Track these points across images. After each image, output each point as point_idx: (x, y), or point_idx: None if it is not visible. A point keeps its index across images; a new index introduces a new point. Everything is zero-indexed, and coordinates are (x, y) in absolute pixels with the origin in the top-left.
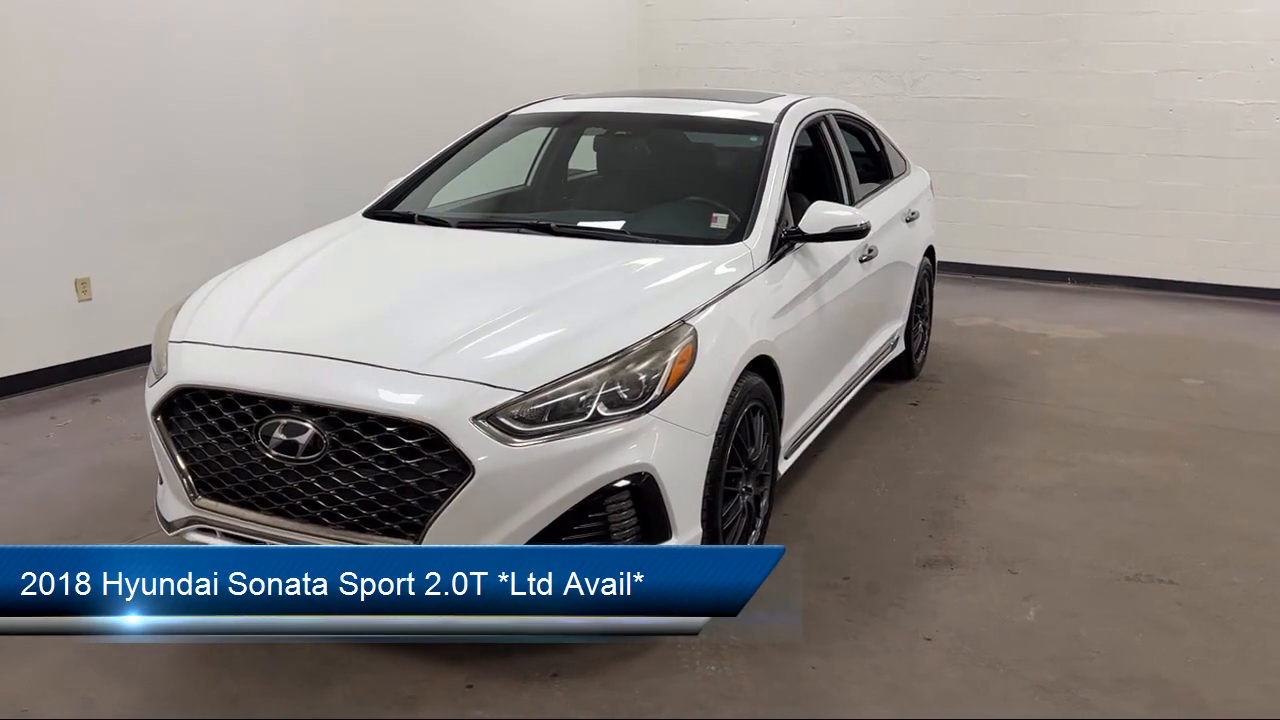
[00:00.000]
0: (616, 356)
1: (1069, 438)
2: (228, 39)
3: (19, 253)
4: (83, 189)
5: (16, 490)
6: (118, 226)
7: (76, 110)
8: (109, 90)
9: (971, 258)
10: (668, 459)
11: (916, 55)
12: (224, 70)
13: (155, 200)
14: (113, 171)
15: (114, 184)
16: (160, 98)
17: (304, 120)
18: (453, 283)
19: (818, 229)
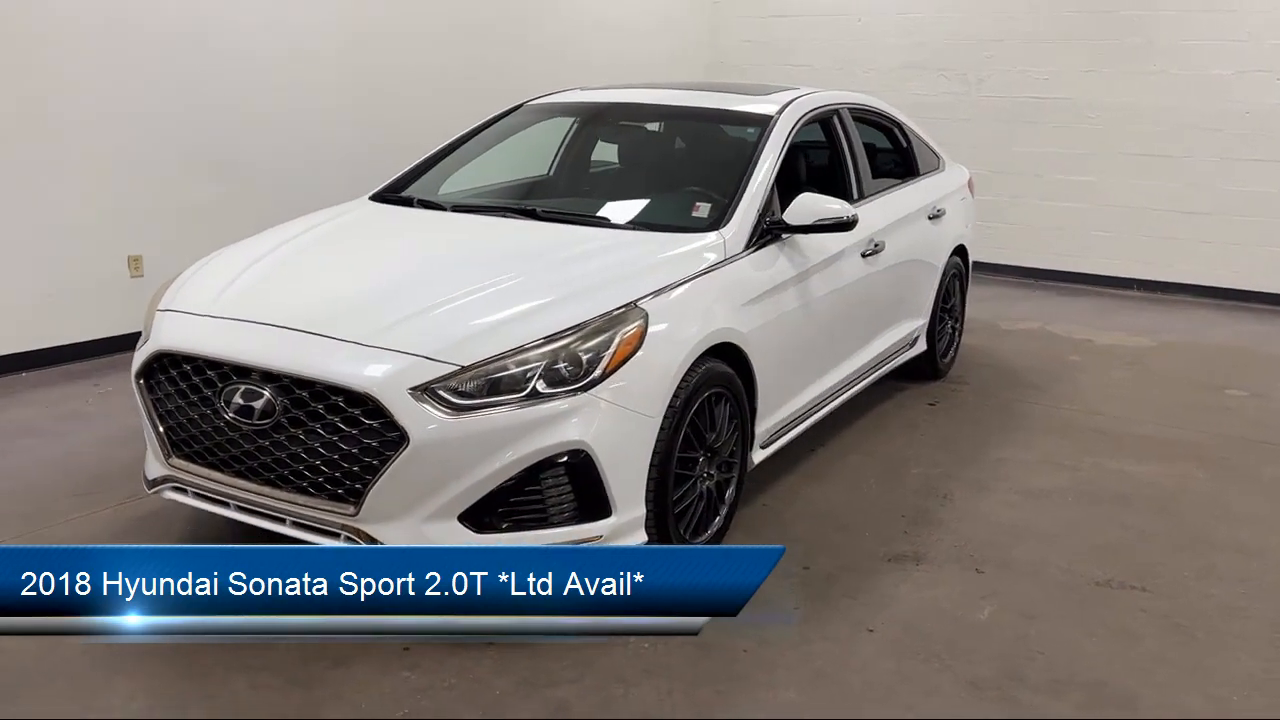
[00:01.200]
0: (561, 335)
1: (1084, 443)
2: (277, 34)
3: (78, 229)
4: (138, 173)
5: (39, 451)
6: (169, 209)
7: (134, 99)
8: (164, 81)
9: (1033, 261)
10: (606, 438)
11: (981, 53)
12: (273, 63)
13: (205, 185)
14: (166, 157)
15: (168, 169)
16: (212, 88)
17: (354, 116)
18: (424, 262)
19: (801, 220)
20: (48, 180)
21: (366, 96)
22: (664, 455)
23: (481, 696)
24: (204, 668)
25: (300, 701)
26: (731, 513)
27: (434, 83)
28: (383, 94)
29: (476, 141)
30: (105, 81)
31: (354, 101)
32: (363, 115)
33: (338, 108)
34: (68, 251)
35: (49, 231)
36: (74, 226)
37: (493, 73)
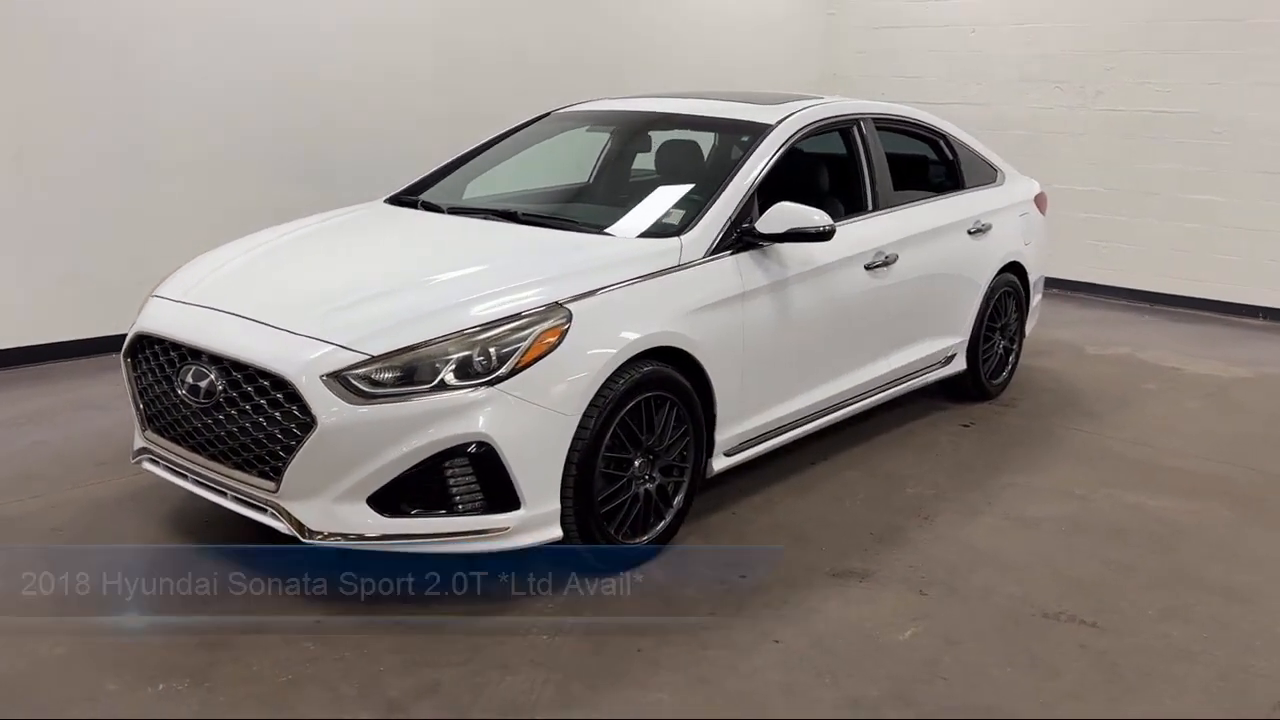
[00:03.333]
0: (475, 330)
1: (1110, 473)
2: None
3: (176, 223)
4: (222, 173)
5: (89, 424)
6: (265, 209)
7: (222, 102)
8: (253, 85)
9: (1148, 284)
10: (513, 432)
11: (1100, 65)
12: (368, 85)
13: (288, 186)
14: (250, 156)
15: (264, 173)
16: (300, 89)
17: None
18: (385, 258)
19: (773, 228)
20: (151, 178)
21: (460, 111)
22: (586, 454)
23: (364, 670)
24: (126, 622)
25: (202, 660)
26: (680, 517)
27: (533, 98)
28: (477, 112)
29: (499, 149)
30: (197, 90)
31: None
32: (457, 132)
33: (429, 121)
34: (164, 243)
35: (146, 224)
36: (172, 220)
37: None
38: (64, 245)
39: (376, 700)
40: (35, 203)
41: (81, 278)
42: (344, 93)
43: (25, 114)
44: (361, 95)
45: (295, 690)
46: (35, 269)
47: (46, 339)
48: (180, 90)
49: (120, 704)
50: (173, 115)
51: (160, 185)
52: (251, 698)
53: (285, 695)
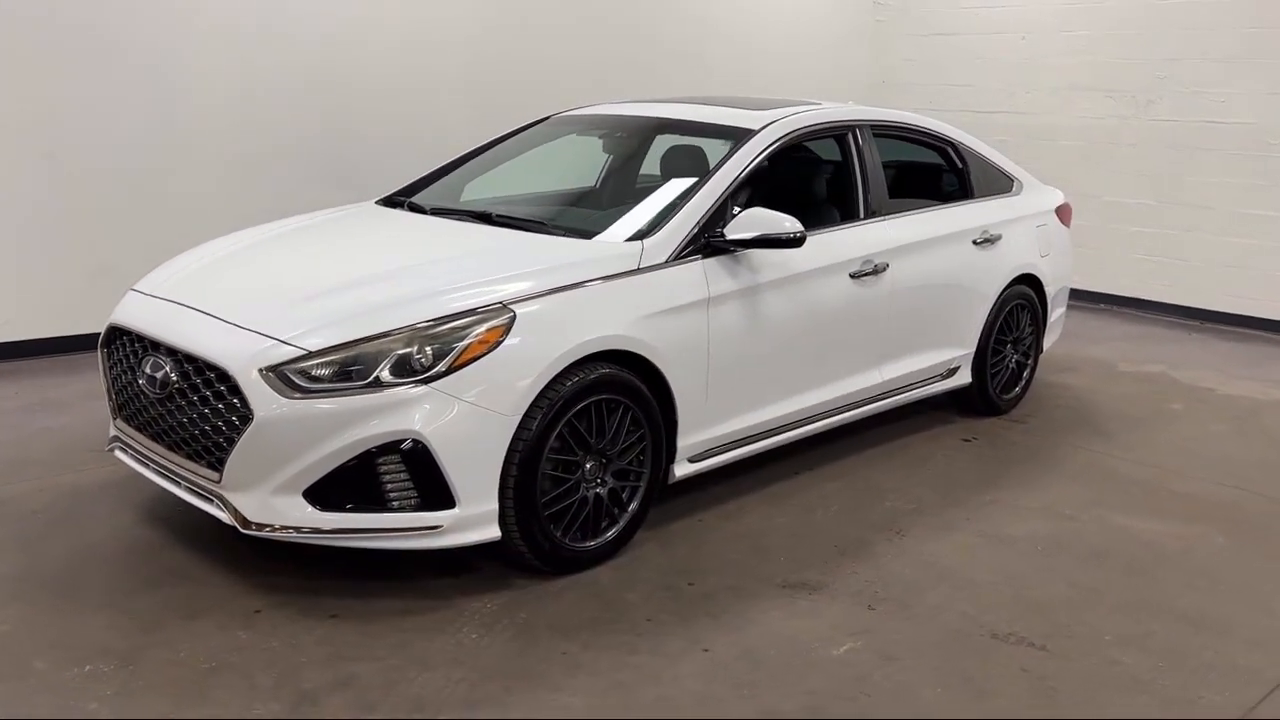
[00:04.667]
0: (414, 328)
1: (1106, 494)
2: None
3: (194, 219)
4: (252, 173)
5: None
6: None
7: (252, 103)
8: (283, 88)
9: (1201, 302)
10: (448, 430)
11: (1153, 73)
12: (394, 70)
13: (316, 186)
14: (279, 156)
15: (280, 169)
16: (330, 91)
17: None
18: (351, 257)
19: (741, 234)
20: (182, 176)
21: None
22: (528, 455)
23: (287, 661)
24: (75, 604)
25: (135, 643)
26: (635, 522)
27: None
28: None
29: (497, 151)
30: (239, 94)
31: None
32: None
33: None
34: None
35: (176, 220)
36: (202, 217)
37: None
38: (95, 240)
39: (289, 692)
40: (67, 199)
41: (112, 272)
42: (374, 96)
43: (57, 113)
44: (391, 98)
45: (214, 677)
46: (67, 263)
47: (77, 330)
48: (212, 91)
49: (44, 682)
50: (205, 116)
51: (190, 183)
52: (169, 683)
53: (202, 682)
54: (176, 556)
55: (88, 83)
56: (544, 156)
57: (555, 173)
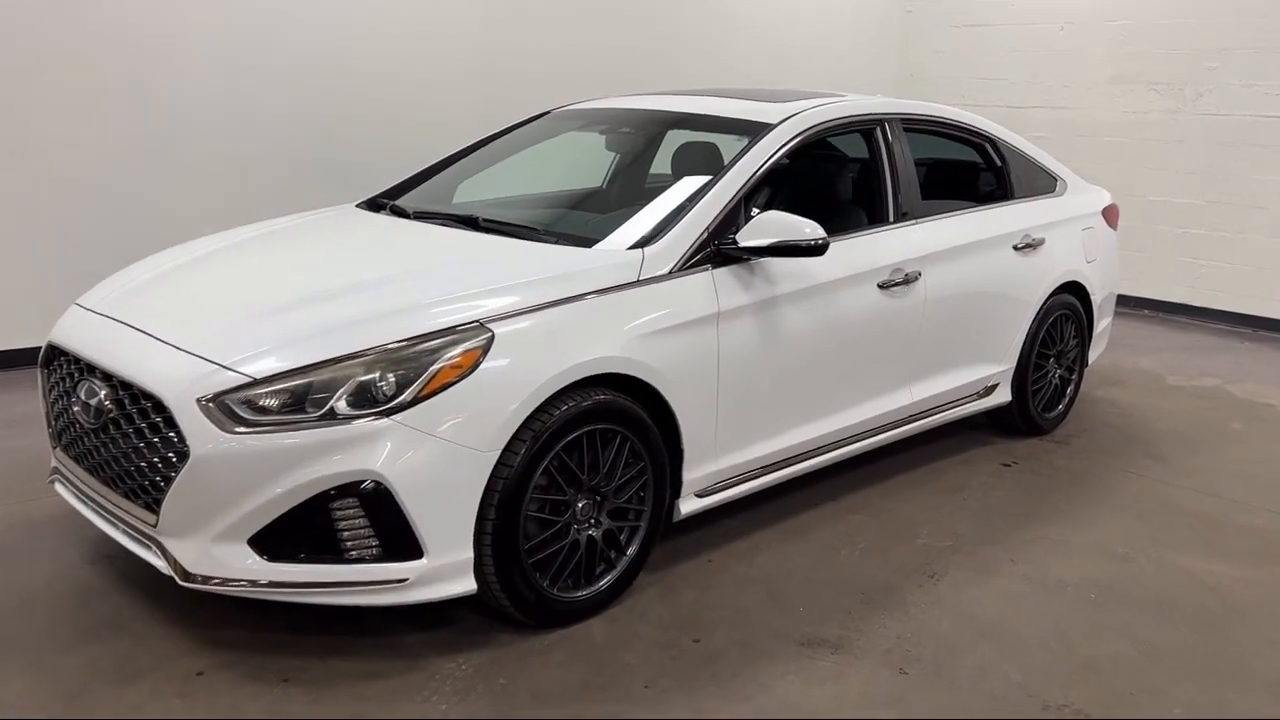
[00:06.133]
0: (375, 351)
1: (1165, 529)
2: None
3: (182, 221)
4: (243, 172)
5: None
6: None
7: (243, 100)
8: (277, 83)
9: (1250, 308)
10: (413, 470)
11: (1201, 65)
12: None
13: (310, 185)
14: (272, 155)
15: (273, 168)
16: (326, 87)
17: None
18: (317, 266)
19: (756, 241)
20: (169, 176)
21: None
22: (509, 495)
23: None
24: None
25: (49, 715)
26: (635, 566)
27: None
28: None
29: (493, 149)
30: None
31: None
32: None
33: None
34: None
35: (163, 223)
36: (190, 219)
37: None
38: (70, 245)
39: None
40: (45, 201)
41: (89, 278)
42: (369, 90)
43: (27, 112)
44: (388, 92)
45: None
46: (40, 270)
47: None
48: (194, 87)
49: None
50: (194, 113)
51: (172, 185)
52: None
53: None
54: (119, 604)
55: (59, 80)
56: (545, 155)
57: (558, 172)
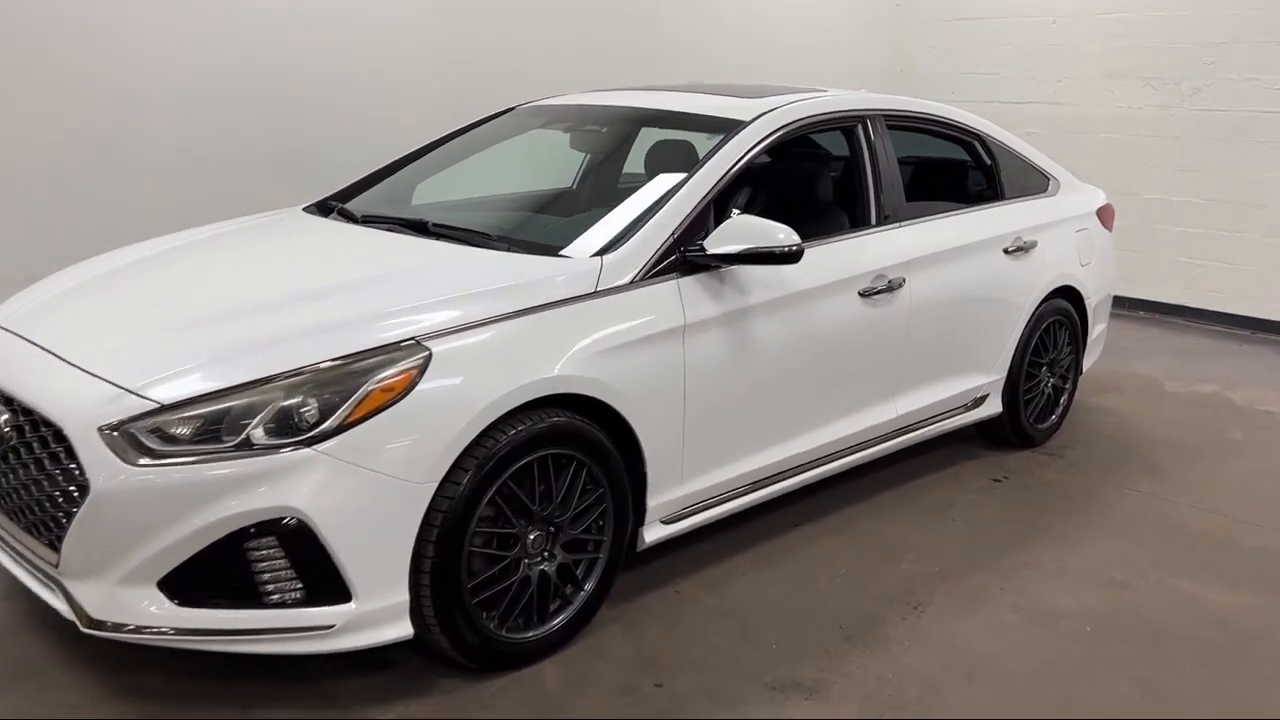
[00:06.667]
0: (300, 373)
1: (1165, 551)
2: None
3: (143, 223)
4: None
5: None
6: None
7: (207, 96)
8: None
9: (1248, 309)
10: (338, 505)
11: (1199, 59)
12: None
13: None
14: (236, 153)
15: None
16: (293, 83)
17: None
18: (245, 279)
19: (725, 248)
20: (128, 176)
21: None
22: (449, 530)
23: None
24: None
25: None
26: (594, 602)
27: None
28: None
29: (452, 147)
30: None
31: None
32: None
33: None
34: None
35: (123, 224)
36: (151, 221)
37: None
38: (10, 250)
39: None
40: None
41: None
42: (336, 85)
43: None
44: (356, 87)
45: None
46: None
47: None
48: (152, 80)
49: None
50: (143, 107)
51: (123, 187)
52: None
53: None
54: (28, 646)
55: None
56: (510, 154)
57: (525, 173)
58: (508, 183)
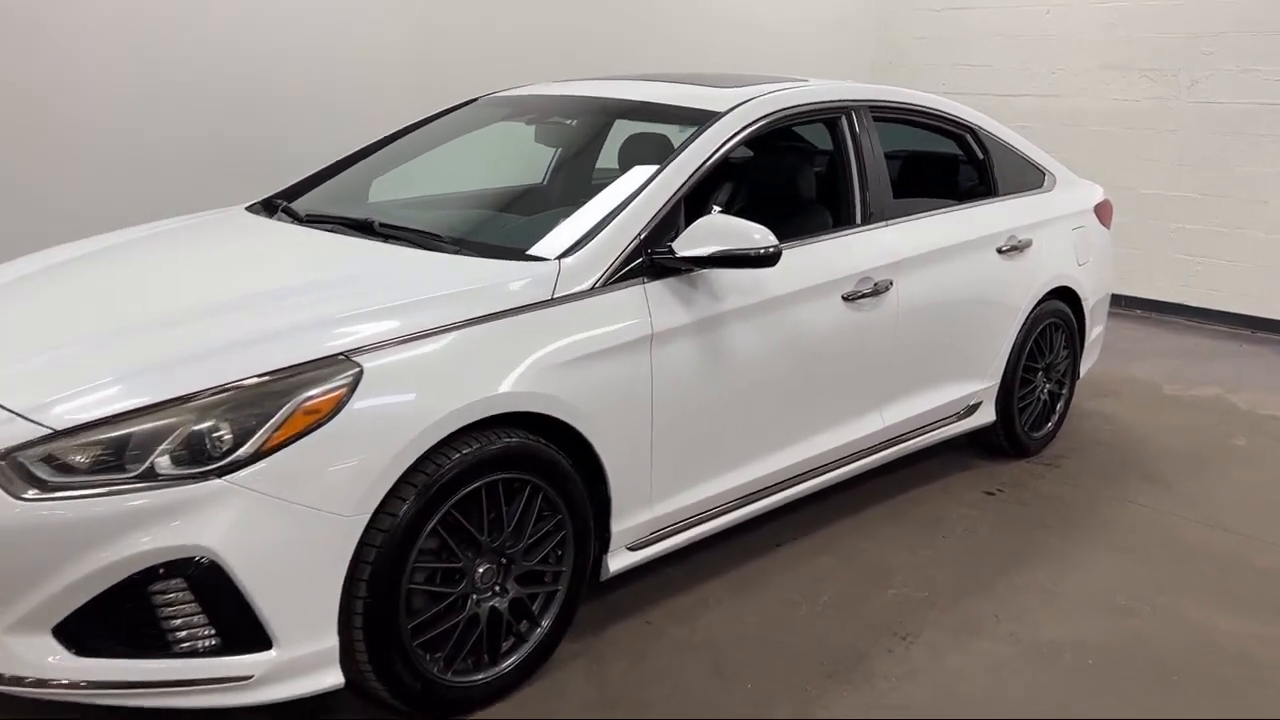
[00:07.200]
0: (211, 393)
1: (1171, 573)
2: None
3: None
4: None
5: None
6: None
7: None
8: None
9: (1249, 308)
10: (254, 543)
11: (1197, 49)
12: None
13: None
14: (185, 146)
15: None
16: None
17: None
18: (167, 286)
19: (695, 250)
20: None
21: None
22: (384, 567)
23: None
24: None
25: None
26: (552, 639)
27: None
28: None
29: (412, 140)
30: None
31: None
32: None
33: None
34: None
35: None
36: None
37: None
38: None
39: None
40: None
41: None
42: (298, 76)
43: None
44: (320, 79)
45: None
46: None
47: None
48: (98, 66)
49: None
50: (88, 96)
51: (64, 183)
52: None
53: None
54: None
55: None
56: (475, 148)
57: (497, 167)
58: (473, 179)
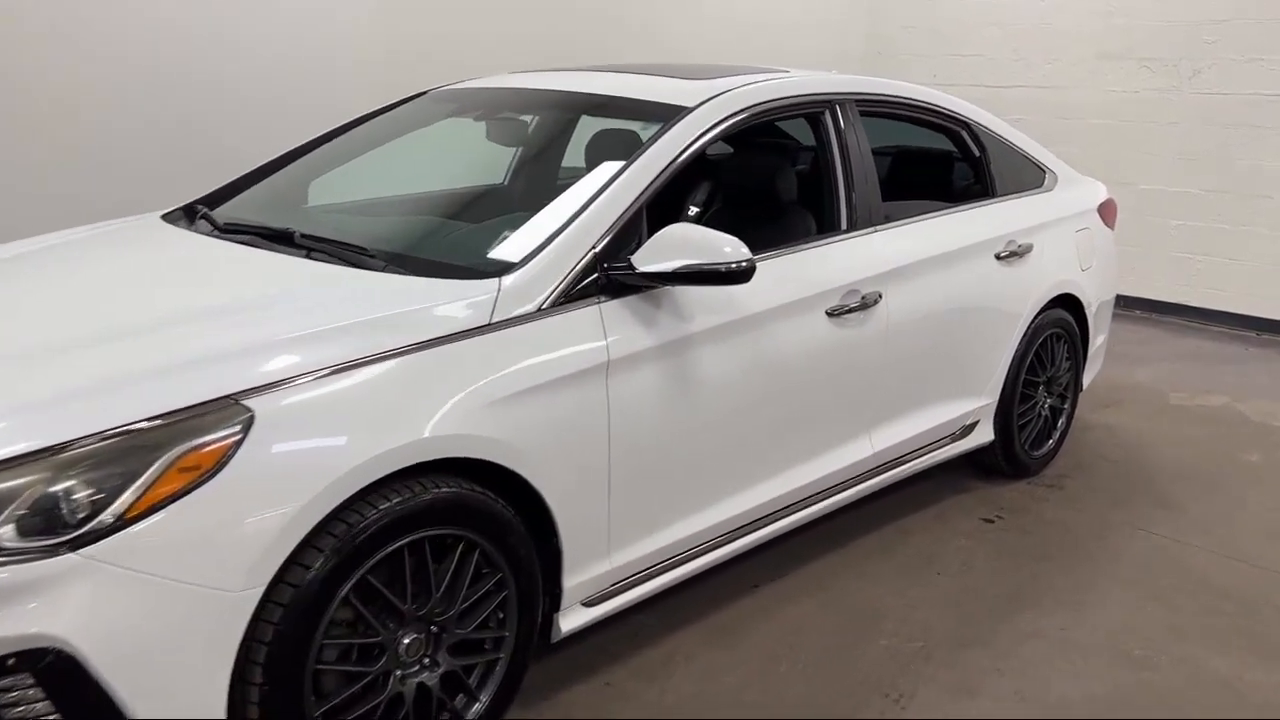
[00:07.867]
0: (67, 448)
1: (1189, 615)
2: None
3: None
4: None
5: None
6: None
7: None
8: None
9: (1254, 308)
10: (117, 630)
11: (1199, 38)
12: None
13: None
14: (135, 152)
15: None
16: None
17: None
18: (40, 313)
19: (657, 264)
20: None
21: None
22: (285, 647)
23: None
24: None
25: None
26: (493, 714)
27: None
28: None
29: (353, 138)
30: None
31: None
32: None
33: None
34: None
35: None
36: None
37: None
38: None
39: None
40: None
41: None
42: (246, 75)
43: None
44: (269, 77)
45: None
46: None
47: None
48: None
49: None
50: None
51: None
52: None
53: None
54: None
55: None
56: (423, 146)
57: (442, 168)
58: (422, 181)
